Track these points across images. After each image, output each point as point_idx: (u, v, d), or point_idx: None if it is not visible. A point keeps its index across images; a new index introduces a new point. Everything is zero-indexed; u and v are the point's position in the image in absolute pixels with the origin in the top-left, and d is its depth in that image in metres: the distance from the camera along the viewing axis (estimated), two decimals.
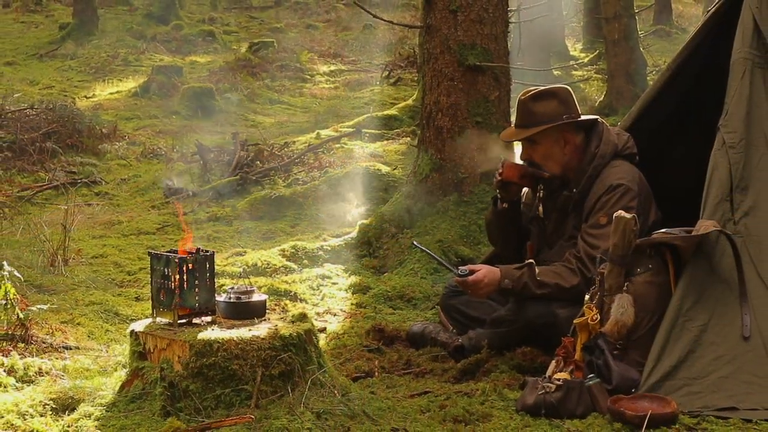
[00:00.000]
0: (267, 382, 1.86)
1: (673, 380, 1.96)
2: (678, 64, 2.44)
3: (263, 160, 5.24)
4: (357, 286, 3.12)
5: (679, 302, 2.03)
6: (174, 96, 7.49)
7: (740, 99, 2.18)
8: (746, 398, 1.93)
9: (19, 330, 2.44)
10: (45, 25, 11.82)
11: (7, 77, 8.34)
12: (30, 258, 3.44)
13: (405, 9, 11.76)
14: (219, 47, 10.41)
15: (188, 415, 1.83)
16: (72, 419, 1.90)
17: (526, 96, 2.36)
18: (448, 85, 3.34)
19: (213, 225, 4.21)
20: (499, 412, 1.99)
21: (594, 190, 2.31)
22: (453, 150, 3.31)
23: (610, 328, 2.04)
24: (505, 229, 2.49)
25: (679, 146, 2.63)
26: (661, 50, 9.06)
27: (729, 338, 2.00)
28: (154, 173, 5.29)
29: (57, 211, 4.34)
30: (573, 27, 11.09)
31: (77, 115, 6.03)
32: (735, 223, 2.09)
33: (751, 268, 2.06)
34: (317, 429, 1.80)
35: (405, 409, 2.01)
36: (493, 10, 3.34)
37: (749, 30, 2.23)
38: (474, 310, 2.48)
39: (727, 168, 2.13)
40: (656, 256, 2.08)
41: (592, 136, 2.35)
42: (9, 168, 5.17)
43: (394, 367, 2.37)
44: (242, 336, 1.87)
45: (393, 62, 8.78)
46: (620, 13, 6.35)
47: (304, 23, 12.54)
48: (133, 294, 3.14)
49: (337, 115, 6.89)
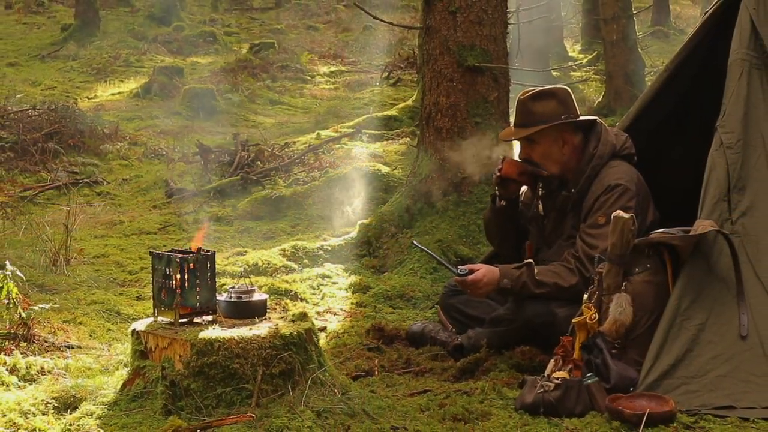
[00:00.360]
0: (267, 381, 1.87)
1: (671, 379, 1.97)
2: (676, 65, 2.45)
3: (264, 161, 5.25)
4: (357, 285, 3.13)
5: (677, 301, 2.04)
6: (175, 97, 7.51)
7: (738, 100, 2.19)
8: (744, 397, 1.94)
9: (21, 329, 2.45)
10: (47, 27, 11.84)
11: (9, 78, 8.36)
12: (32, 258, 3.45)
13: (405, 10, 11.77)
14: (220, 48, 10.43)
15: (189, 413, 1.84)
16: (74, 418, 1.91)
17: (525, 96, 2.37)
18: (448, 85, 3.35)
19: (214, 225, 4.22)
20: (498, 410, 2.00)
21: (592, 190, 2.32)
22: (452, 150, 3.33)
23: (608, 327, 2.05)
24: (502, 227, 2.50)
25: (677, 146, 2.64)
26: (659, 51, 9.07)
27: (726, 337, 2.01)
28: (155, 173, 5.30)
29: (59, 211, 4.35)
30: (572, 28, 11.10)
31: (79, 115, 6.05)
32: (732, 223, 2.10)
33: (748, 267, 2.07)
34: (317, 427, 1.81)
35: (405, 408, 2.02)
36: (492, 12, 3.35)
37: (747, 31, 2.23)
38: (473, 310, 2.49)
39: (725, 168, 2.13)
40: (654, 256, 2.09)
41: (590, 136, 2.37)
42: (11, 168, 5.19)
43: (393, 366, 2.38)
44: (243, 335, 1.88)
45: (393, 63, 8.80)
46: (618, 15, 6.36)
47: (304, 24, 12.56)
48: (135, 293, 3.15)
49: (338, 115, 6.90)
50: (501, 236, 2.54)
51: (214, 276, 2.02)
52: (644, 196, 2.33)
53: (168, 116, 6.88)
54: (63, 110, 5.99)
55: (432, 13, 3.37)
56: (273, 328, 1.92)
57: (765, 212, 2.13)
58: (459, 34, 3.32)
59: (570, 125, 2.36)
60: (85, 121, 5.97)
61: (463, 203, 3.33)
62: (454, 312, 2.54)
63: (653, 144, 2.58)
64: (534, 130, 2.33)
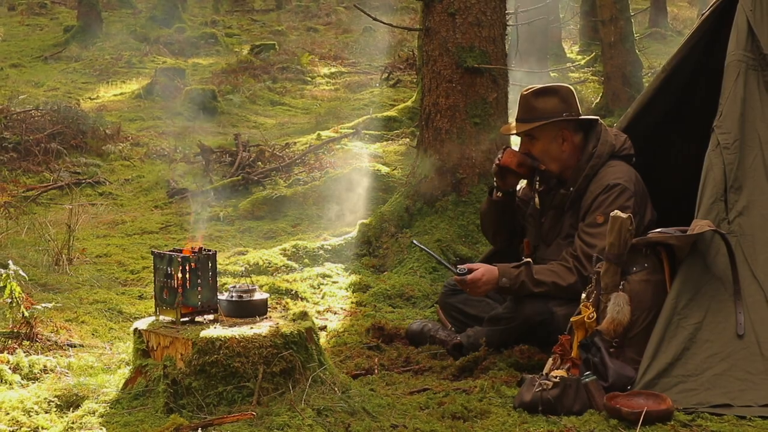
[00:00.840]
0: (268, 380, 1.88)
1: (668, 377, 1.98)
2: (673, 67, 2.45)
3: (265, 161, 5.27)
4: (357, 284, 3.14)
5: (674, 301, 2.05)
6: (177, 98, 7.52)
7: (734, 100, 2.20)
8: (740, 395, 1.95)
9: (24, 328, 2.46)
10: (50, 28, 11.87)
11: (12, 79, 8.38)
12: (35, 257, 3.47)
13: (404, 12, 11.78)
14: (221, 50, 10.45)
15: (191, 411, 1.85)
16: (76, 416, 1.92)
17: (528, 91, 2.38)
18: (447, 86, 3.36)
19: (215, 225, 4.24)
20: (497, 408, 2.01)
21: (591, 189, 2.33)
22: (452, 151, 3.34)
23: (606, 326, 2.06)
24: (498, 221, 2.51)
25: (675, 147, 2.65)
26: (656, 52, 9.06)
27: (723, 336, 2.02)
28: (157, 174, 5.32)
29: (61, 210, 4.37)
30: (570, 30, 11.10)
31: (81, 116, 6.06)
32: (729, 223, 2.11)
33: (745, 267, 2.08)
34: (318, 426, 1.81)
35: (404, 406, 2.03)
36: (490, 13, 3.37)
37: (743, 33, 2.25)
38: (472, 309, 2.50)
39: (722, 168, 2.14)
40: (652, 255, 2.10)
41: (590, 135, 2.38)
42: (14, 168, 5.21)
43: (393, 365, 2.39)
44: (244, 334, 1.89)
45: (392, 64, 8.81)
46: (616, 16, 6.36)
47: (305, 26, 12.58)
48: (137, 292, 3.17)
49: (338, 116, 6.91)
50: (495, 229, 2.55)
51: (216, 275, 2.03)
52: (642, 196, 2.34)
53: (170, 117, 6.90)
54: (66, 111, 6.01)
55: (431, 15, 3.39)
56: (274, 327, 1.93)
57: (761, 212, 2.14)
58: (458, 36, 3.34)
59: (570, 123, 2.37)
60: (88, 122, 5.99)
61: (462, 203, 3.35)
62: (454, 311, 2.55)
63: (651, 144, 2.59)
64: (534, 126, 2.35)
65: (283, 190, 4.59)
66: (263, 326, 1.95)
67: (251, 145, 5.51)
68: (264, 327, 1.94)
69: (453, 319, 2.56)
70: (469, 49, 3.33)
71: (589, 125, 2.40)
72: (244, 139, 5.60)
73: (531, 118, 2.35)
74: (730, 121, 2.19)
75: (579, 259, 2.27)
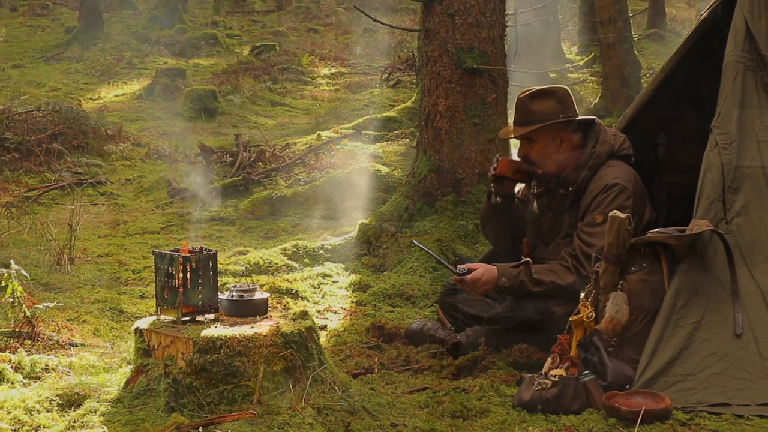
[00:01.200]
0: (269, 379, 1.89)
1: (666, 377, 1.99)
2: (671, 67, 2.46)
3: (265, 161, 5.29)
4: (357, 284, 3.15)
5: (672, 300, 2.05)
6: (178, 98, 7.55)
7: (732, 101, 2.20)
8: (738, 394, 1.96)
9: (26, 327, 2.47)
10: (51, 29, 11.90)
11: (14, 80, 8.40)
12: (36, 257, 3.48)
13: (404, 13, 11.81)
14: (222, 50, 10.47)
15: (192, 410, 1.85)
16: (78, 415, 1.93)
17: (524, 94, 2.39)
18: (447, 87, 3.37)
19: (216, 225, 4.25)
20: (497, 407, 2.02)
21: (590, 189, 2.33)
22: (451, 151, 3.35)
23: (605, 325, 2.06)
24: (498, 223, 2.52)
25: (673, 147, 2.66)
26: (655, 53, 9.07)
27: (721, 335, 2.03)
28: (158, 174, 5.34)
29: (63, 210, 4.39)
30: (569, 30, 11.11)
31: (83, 116, 6.08)
32: (727, 223, 2.12)
33: (743, 266, 2.09)
34: (318, 424, 1.82)
35: (404, 405, 2.04)
36: (490, 14, 3.38)
37: (741, 34, 2.25)
38: (472, 308, 2.50)
39: (720, 169, 2.15)
40: (650, 255, 2.11)
41: (589, 136, 2.38)
42: (16, 169, 5.23)
43: (393, 364, 2.40)
44: (245, 333, 1.90)
45: (392, 65, 8.82)
46: (615, 17, 6.37)
47: (305, 27, 12.60)
48: (138, 292, 3.18)
49: (338, 116, 6.93)
50: (496, 232, 2.56)
51: (216, 275, 2.04)
52: (641, 196, 2.34)
53: (170, 117, 6.92)
54: (67, 111, 6.03)
55: (431, 16, 3.40)
56: (274, 327, 1.94)
57: (759, 212, 2.15)
58: (458, 37, 3.35)
59: (568, 124, 2.38)
60: (89, 122, 6.00)
61: (461, 203, 3.36)
62: (453, 310, 2.56)
63: (650, 144, 2.60)
64: (532, 129, 2.35)
65: (283, 190, 4.60)
66: (264, 325, 1.96)
67: (252, 145, 5.53)
68: (264, 326, 1.95)
69: (452, 318, 2.57)
70: (469, 49, 3.34)
71: (587, 125, 2.41)
72: (245, 139, 5.62)
73: (528, 121, 2.36)
74: (728, 122, 2.20)
75: (578, 258, 2.28)
